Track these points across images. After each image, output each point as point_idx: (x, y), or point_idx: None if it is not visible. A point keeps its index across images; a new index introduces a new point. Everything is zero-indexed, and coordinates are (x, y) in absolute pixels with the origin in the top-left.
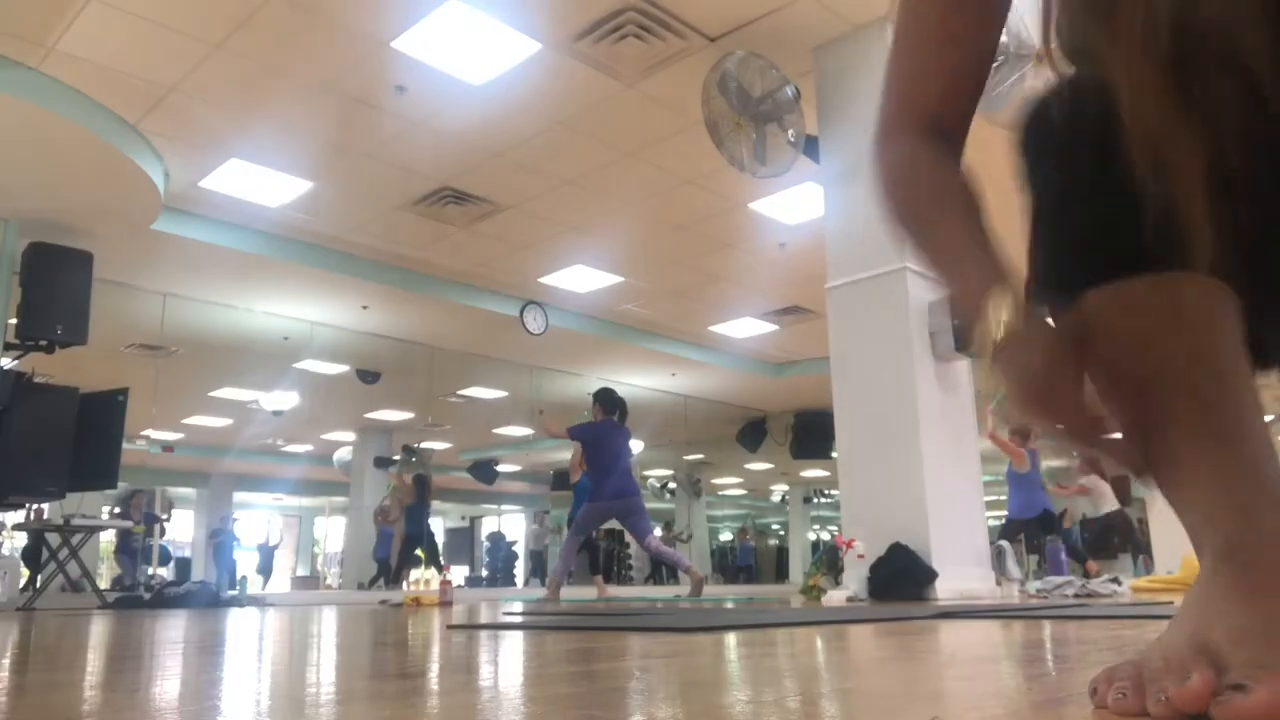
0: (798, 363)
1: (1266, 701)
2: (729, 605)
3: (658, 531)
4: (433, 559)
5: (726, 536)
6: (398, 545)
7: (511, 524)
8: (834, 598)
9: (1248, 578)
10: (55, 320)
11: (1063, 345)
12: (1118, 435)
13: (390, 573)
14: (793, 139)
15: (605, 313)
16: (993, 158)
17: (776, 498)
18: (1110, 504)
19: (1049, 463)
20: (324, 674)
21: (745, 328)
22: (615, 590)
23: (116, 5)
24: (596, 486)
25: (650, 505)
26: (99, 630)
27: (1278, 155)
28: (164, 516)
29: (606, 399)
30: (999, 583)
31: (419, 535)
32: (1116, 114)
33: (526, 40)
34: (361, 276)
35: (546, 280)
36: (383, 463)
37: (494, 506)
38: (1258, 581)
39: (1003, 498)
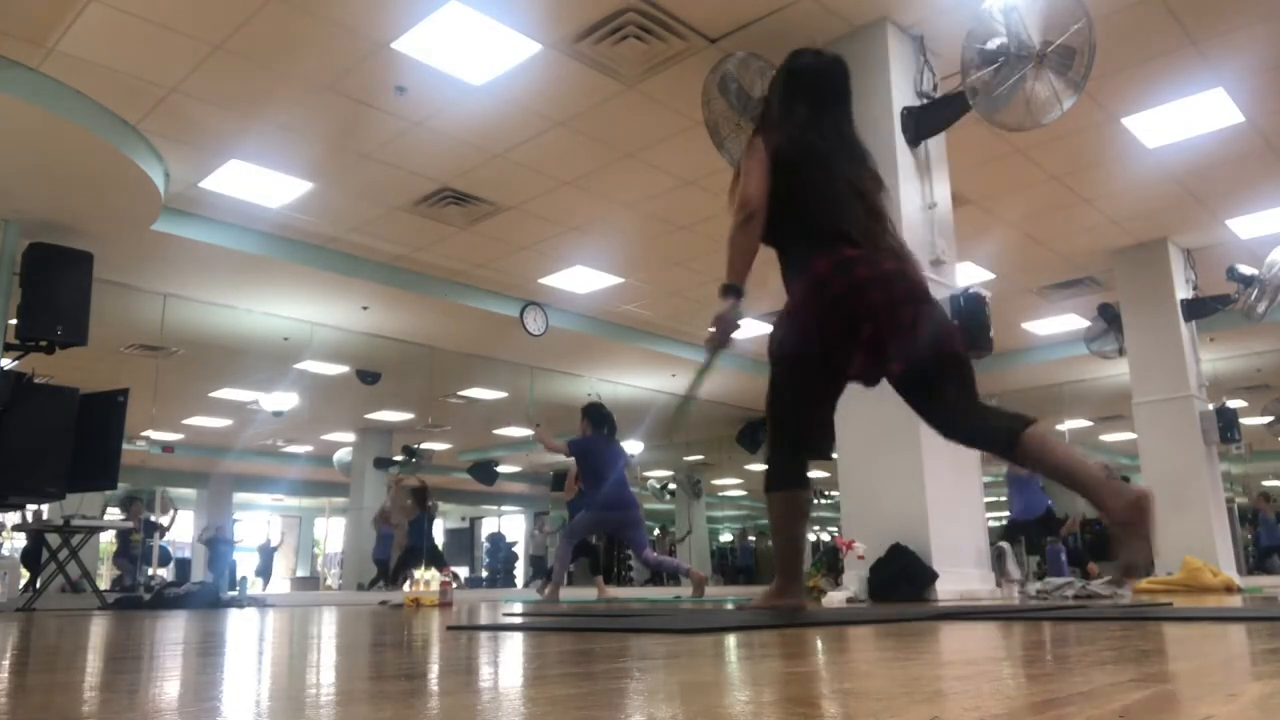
0: None
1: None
2: (729, 606)
3: (655, 532)
4: (435, 562)
5: (727, 537)
6: (398, 552)
7: (511, 525)
8: (834, 599)
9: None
10: (55, 320)
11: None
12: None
13: (390, 574)
14: None
15: (605, 313)
16: (990, 156)
17: None
18: None
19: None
20: (324, 675)
21: (745, 328)
22: (615, 591)
23: (116, 5)
24: (592, 498)
25: (650, 506)
26: (99, 631)
27: None
28: (165, 524)
29: (595, 415)
30: (999, 584)
31: (420, 546)
32: None
33: (526, 41)
34: (361, 276)
35: (546, 281)
36: (383, 463)
37: (494, 507)
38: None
39: (1003, 498)
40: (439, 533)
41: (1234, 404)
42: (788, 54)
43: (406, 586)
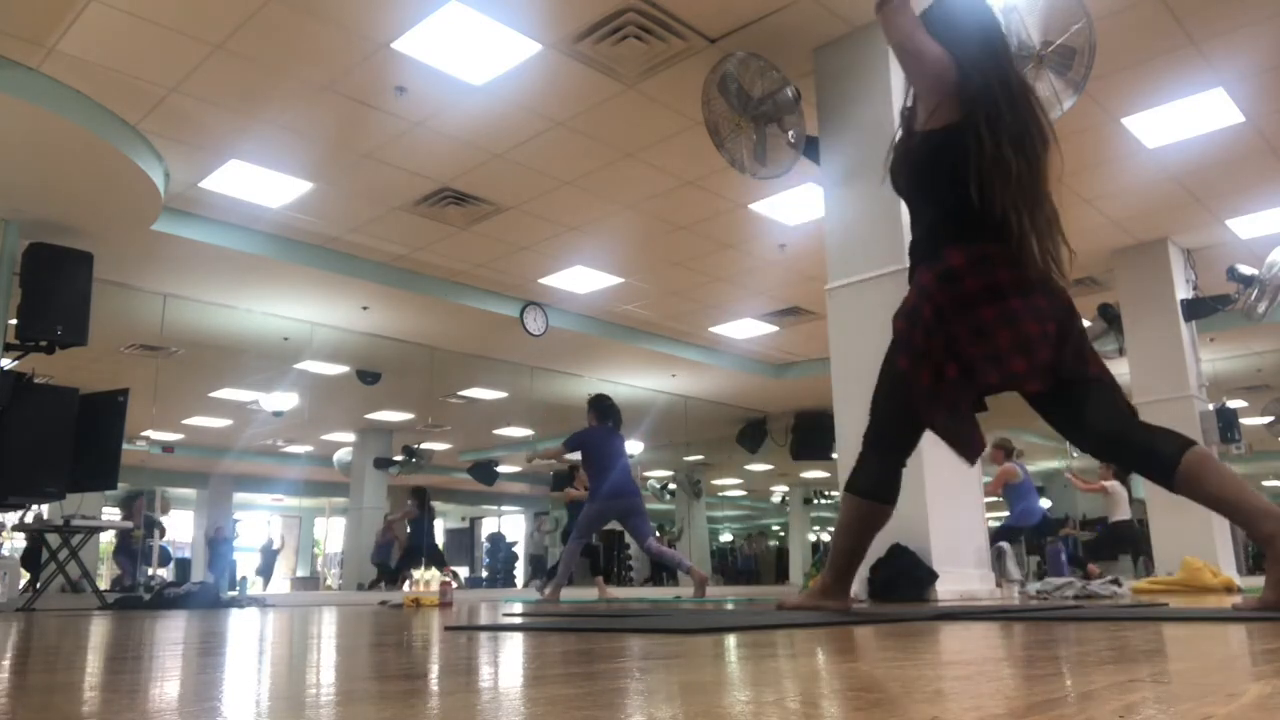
0: (798, 363)
1: None
2: (729, 606)
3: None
4: (435, 562)
5: (727, 538)
6: (398, 553)
7: (511, 525)
8: None
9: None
10: (55, 320)
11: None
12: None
13: (390, 574)
14: (793, 140)
15: (605, 314)
16: None
17: (776, 498)
18: (1123, 512)
19: (1071, 461)
20: (324, 675)
21: (745, 328)
22: (615, 591)
23: (116, 5)
24: (595, 488)
25: (650, 506)
26: (99, 631)
27: None
28: (161, 518)
29: (600, 406)
30: (999, 584)
31: (420, 546)
32: None
33: (526, 41)
34: (361, 276)
35: (546, 281)
36: (383, 464)
37: (494, 507)
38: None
39: (1003, 497)
40: (439, 533)
41: (1234, 404)
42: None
43: (406, 587)
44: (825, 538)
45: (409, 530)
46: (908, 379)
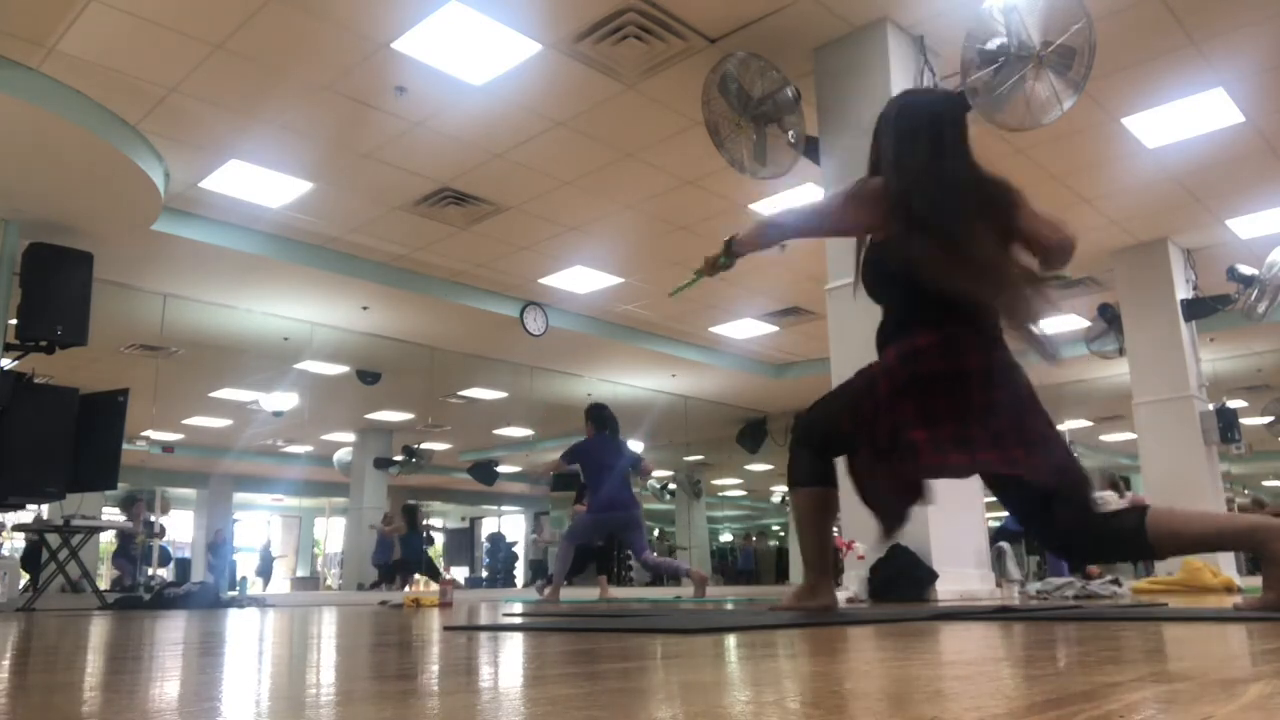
0: (798, 363)
1: None
2: (729, 606)
3: (655, 533)
4: (431, 575)
5: (727, 538)
6: (396, 556)
7: (511, 525)
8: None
9: (806, 588)
10: (55, 320)
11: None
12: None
13: (388, 574)
14: (793, 140)
15: (605, 314)
16: (990, 156)
17: (776, 499)
18: None
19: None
20: (324, 675)
21: (745, 328)
22: (616, 591)
23: (116, 5)
24: (592, 499)
25: (649, 507)
26: (99, 631)
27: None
28: (158, 522)
29: (597, 416)
30: (999, 584)
31: (416, 562)
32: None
33: (527, 41)
34: (361, 277)
35: (547, 281)
36: (383, 464)
37: (494, 507)
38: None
39: None
40: (439, 533)
41: (1234, 404)
42: (896, 95)
43: (407, 587)
44: None
45: (399, 544)
46: (855, 431)
